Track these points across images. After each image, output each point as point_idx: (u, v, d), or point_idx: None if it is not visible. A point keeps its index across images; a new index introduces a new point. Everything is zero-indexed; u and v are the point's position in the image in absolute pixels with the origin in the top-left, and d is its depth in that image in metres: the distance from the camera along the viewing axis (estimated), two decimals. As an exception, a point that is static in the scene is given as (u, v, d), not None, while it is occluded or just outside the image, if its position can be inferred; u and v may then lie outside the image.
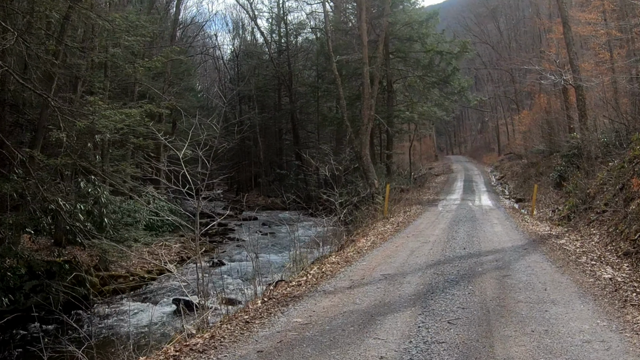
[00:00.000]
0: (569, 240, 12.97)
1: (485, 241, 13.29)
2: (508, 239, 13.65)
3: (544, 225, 17.42)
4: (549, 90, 39.10)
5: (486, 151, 61.06)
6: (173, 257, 22.97)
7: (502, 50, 49.90)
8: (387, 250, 12.69)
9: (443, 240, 13.68)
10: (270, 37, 42.54)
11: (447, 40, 32.91)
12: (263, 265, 18.76)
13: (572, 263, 9.92)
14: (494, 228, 16.29)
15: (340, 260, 11.51)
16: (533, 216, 21.42)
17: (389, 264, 10.60)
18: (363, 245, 14.01)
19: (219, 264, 22.12)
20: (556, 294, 7.64)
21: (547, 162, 32.87)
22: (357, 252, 12.67)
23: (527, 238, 13.84)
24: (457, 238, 14.01)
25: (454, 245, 12.65)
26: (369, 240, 15.15)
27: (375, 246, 13.64)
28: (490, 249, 12.05)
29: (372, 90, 25.45)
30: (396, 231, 16.81)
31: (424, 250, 12.24)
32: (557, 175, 27.64)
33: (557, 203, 25.15)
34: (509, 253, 11.37)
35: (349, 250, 13.16)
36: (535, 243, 12.81)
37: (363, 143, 25.10)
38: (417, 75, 32.84)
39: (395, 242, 14.05)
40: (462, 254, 11.33)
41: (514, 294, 7.74)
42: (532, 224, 17.90)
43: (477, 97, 36.74)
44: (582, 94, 26.81)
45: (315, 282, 9.37)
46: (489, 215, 20.51)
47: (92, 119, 12.93)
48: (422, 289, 8.29)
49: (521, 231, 15.52)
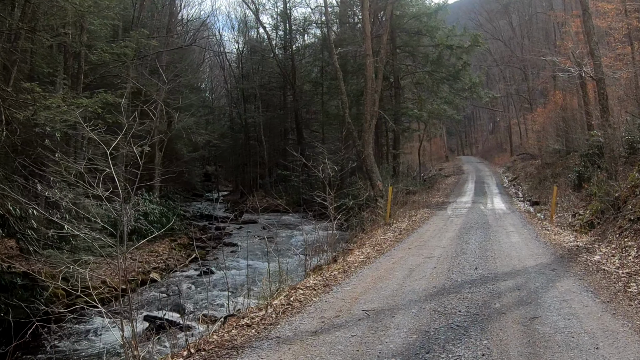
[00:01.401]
0: (604, 256, 10.15)
1: (502, 257, 10.49)
2: (529, 254, 10.85)
3: (568, 234, 14.58)
4: (565, 86, 36.07)
5: (498, 152, 57.84)
6: (158, 265, 20.47)
7: (515, 47, 46.81)
8: (380, 268, 9.97)
9: (450, 255, 10.92)
10: (276, 33, 40.02)
11: (457, 34, 30.01)
12: (254, 275, 16.31)
13: (620, 295, 7.13)
14: (510, 237, 13.47)
15: (318, 283, 8.82)
16: (553, 222, 18.55)
17: (378, 292, 7.89)
18: (354, 260, 11.30)
19: (209, 273, 19.58)
20: (616, 358, 4.89)
21: (563, 162, 29.87)
22: (343, 271, 9.95)
23: (552, 252, 11.02)
24: (468, 251, 11.24)
25: (463, 263, 9.88)
26: (364, 252, 12.44)
27: (368, 262, 10.93)
28: (509, 269, 9.26)
29: (376, 85, 22.70)
30: (397, 241, 14.08)
31: (425, 269, 9.50)
32: (575, 176, 24.80)
33: (577, 206, 22.29)
34: (534, 276, 8.58)
35: (334, 267, 10.45)
36: (564, 260, 9.99)
37: (366, 141, 22.35)
38: (426, 71, 29.99)
39: (393, 256, 11.32)
40: (472, 277, 8.58)
41: (552, 355, 5.00)
42: (554, 232, 15.04)
43: (489, 94, 33.79)
44: (603, 88, 23.71)
45: (274, 321, 6.70)
46: (503, 221, 17.68)
47: (32, 109, 10.41)
48: (415, 341, 5.57)
49: (543, 242, 12.69)
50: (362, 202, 21.56)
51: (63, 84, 13.40)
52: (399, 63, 30.47)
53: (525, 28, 45.98)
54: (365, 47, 22.08)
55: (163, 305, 15.75)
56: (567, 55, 28.44)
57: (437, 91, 30.92)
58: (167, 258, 21.29)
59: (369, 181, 22.61)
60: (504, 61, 49.72)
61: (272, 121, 40.08)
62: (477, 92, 30.39)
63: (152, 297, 16.63)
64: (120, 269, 7.08)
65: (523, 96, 46.80)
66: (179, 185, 37.04)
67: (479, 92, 30.55)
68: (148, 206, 23.26)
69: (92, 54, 13.56)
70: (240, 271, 19.52)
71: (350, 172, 32.46)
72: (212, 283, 17.76)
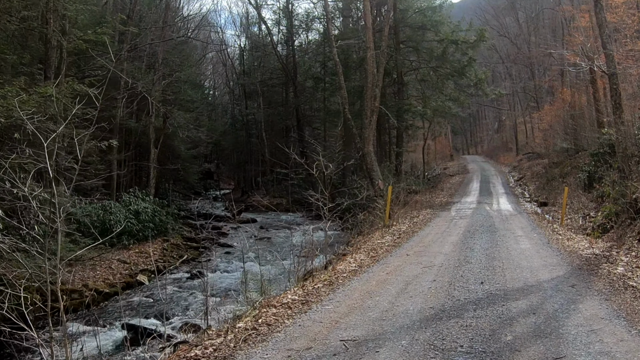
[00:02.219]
0: (627, 267, 8.68)
1: (511, 267, 9.01)
2: (542, 264, 9.36)
3: (581, 239, 13.07)
4: (574, 83, 34.48)
5: (503, 151, 56.06)
6: (147, 267, 19.08)
7: (521, 44, 45.10)
8: (372, 280, 8.53)
9: (452, 264, 9.46)
10: (278, 28, 38.56)
11: (462, 29, 28.45)
12: (248, 278, 14.93)
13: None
14: (519, 243, 11.97)
15: (296, 300, 7.39)
16: (563, 225, 17.03)
17: (364, 313, 6.46)
18: (344, 268, 9.86)
19: (198, 276, 18.22)
20: None
21: (572, 161, 28.27)
22: (329, 282, 8.51)
23: (568, 262, 9.53)
24: (472, 260, 9.77)
25: (467, 275, 8.42)
26: (356, 259, 10.99)
27: (359, 271, 9.49)
28: (520, 283, 7.78)
29: (377, 79, 21.19)
30: (395, 245, 12.63)
31: (423, 282, 8.05)
32: (586, 176, 23.21)
33: (588, 208, 20.76)
34: (550, 294, 7.11)
35: (320, 278, 9.01)
36: (583, 272, 8.51)
37: (366, 138, 20.87)
38: (430, 67, 28.43)
39: (388, 265, 9.88)
40: (478, 295, 7.11)
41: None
42: (566, 236, 13.54)
43: (495, 91, 32.17)
44: (616, 83, 22.06)
45: (230, 353, 5.29)
46: (510, 223, 16.18)
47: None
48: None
49: (556, 249, 11.19)
50: (363, 202, 20.12)
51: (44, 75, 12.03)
52: (403, 58, 28.93)
53: (532, 25, 44.27)
54: (367, 39, 20.59)
55: (146, 311, 14.46)
56: (576, 51, 26.83)
57: (441, 88, 29.36)
58: (157, 259, 19.93)
59: (370, 180, 21.15)
60: (510, 59, 48.02)
61: (274, 118, 38.66)
62: (483, 89, 28.81)
63: (136, 302, 15.35)
64: (49, 285, 5.68)
65: (529, 94, 45.12)
66: (180, 183, 35.76)
67: (484, 88, 28.97)
68: (140, 205, 21.92)
69: (68, 42, 12.22)
70: (232, 274, 18.20)
71: (352, 170, 31.02)
72: (200, 287, 16.45)
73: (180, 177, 33.06)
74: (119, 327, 13.08)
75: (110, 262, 18.25)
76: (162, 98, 28.30)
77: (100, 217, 19.32)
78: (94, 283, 16.24)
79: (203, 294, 15.94)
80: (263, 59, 39.50)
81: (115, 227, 19.31)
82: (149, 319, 13.62)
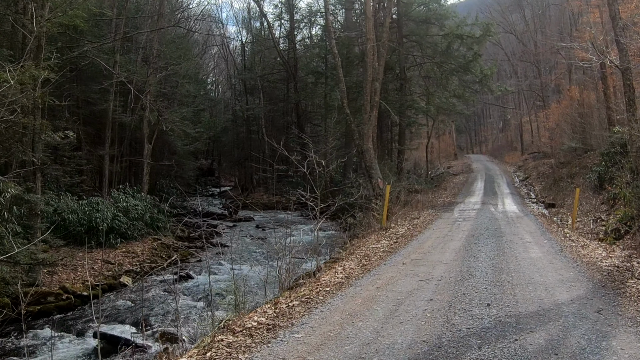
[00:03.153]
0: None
1: (523, 283, 7.54)
2: (557, 279, 7.88)
3: (596, 246, 11.59)
4: (582, 80, 32.83)
5: (508, 150, 54.33)
6: (133, 267, 17.75)
7: (528, 42, 43.38)
8: (358, 296, 7.09)
9: (454, 278, 8.01)
10: (280, 23, 37.03)
11: (468, 23, 26.91)
12: (240, 283, 13.61)
13: None
14: (529, 251, 10.48)
15: (263, 323, 5.96)
16: (574, 229, 15.54)
17: (340, 347, 5.02)
18: (329, 280, 8.43)
19: (186, 278, 16.90)
20: None
21: (580, 161, 26.70)
22: (307, 300, 7.08)
23: (588, 277, 8.05)
24: (476, 273, 8.31)
25: (470, 293, 6.96)
26: (345, 268, 9.56)
27: (346, 284, 8.06)
28: (535, 306, 6.31)
29: (377, 72, 19.68)
30: (391, 251, 11.19)
31: (418, 302, 6.61)
32: (596, 177, 21.68)
33: (599, 210, 19.27)
34: (572, 322, 5.64)
35: (299, 292, 7.57)
36: (608, 291, 7.03)
37: (365, 134, 19.38)
38: (434, 62, 26.88)
39: (380, 276, 8.45)
40: (483, 323, 5.65)
41: None
42: (579, 243, 12.04)
43: (501, 87, 30.58)
44: (629, 79, 20.47)
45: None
46: (517, 227, 14.69)
47: None
48: None
49: (570, 259, 9.70)
50: (362, 202, 18.67)
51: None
52: (406, 53, 27.40)
53: (539, 22, 42.56)
54: (367, 30, 19.07)
55: (125, 317, 13.13)
56: (584, 46, 25.19)
57: (445, 84, 27.82)
58: (144, 259, 18.56)
59: (369, 178, 19.68)
60: (516, 56, 46.32)
61: (274, 114, 37.22)
62: (489, 85, 27.24)
63: (116, 307, 14.05)
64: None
65: (536, 92, 43.43)
66: (179, 180, 34.41)
67: (490, 84, 27.40)
68: (130, 202, 20.55)
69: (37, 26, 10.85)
70: (222, 276, 16.85)
71: (354, 168, 29.55)
72: (187, 291, 15.14)
73: (177, 173, 31.70)
74: (92, 335, 11.79)
75: (94, 263, 16.92)
76: (157, 92, 26.97)
77: (87, 215, 17.99)
78: (72, 285, 14.89)
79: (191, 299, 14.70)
80: (264, 54, 38.07)
81: (102, 226, 18.02)
82: (126, 325, 12.34)
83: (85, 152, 23.16)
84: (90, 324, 12.44)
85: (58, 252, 16.32)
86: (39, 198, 13.83)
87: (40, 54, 13.29)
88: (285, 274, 8.78)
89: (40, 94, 9.91)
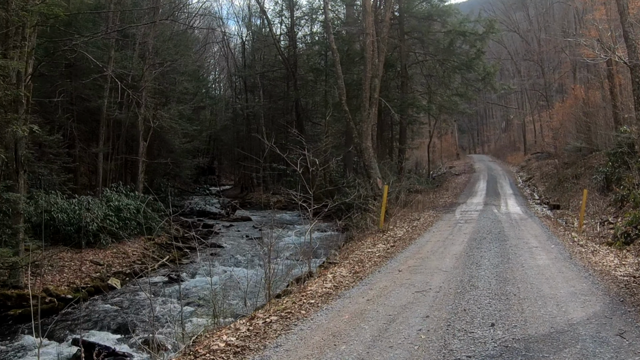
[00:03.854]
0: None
1: (531, 297, 6.62)
2: (569, 291, 6.97)
3: (607, 252, 10.69)
4: (587, 78, 31.87)
5: (511, 150, 53.26)
6: (123, 269, 16.91)
7: (531, 40, 42.32)
8: (345, 311, 6.21)
9: (454, 289, 7.12)
10: (281, 20, 36.11)
11: (471, 20, 25.97)
12: (231, 286, 12.93)
13: None
14: (536, 258, 9.55)
15: (232, 345, 5.09)
16: (580, 232, 14.61)
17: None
18: (316, 290, 7.55)
19: (176, 280, 16.00)
20: None
21: (585, 161, 25.74)
22: (286, 315, 6.19)
23: (602, 288, 7.13)
24: (479, 284, 7.41)
25: (473, 310, 6.06)
26: (336, 275, 8.68)
27: (334, 294, 7.19)
28: (546, 327, 5.40)
29: (377, 68, 18.75)
30: (387, 257, 10.30)
31: (412, 319, 5.72)
32: (602, 178, 20.73)
33: (606, 213, 18.33)
34: (592, 349, 4.73)
35: (279, 306, 6.68)
36: (627, 307, 6.11)
37: (364, 132, 18.48)
38: (436, 59, 25.92)
39: (372, 286, 7.56)
40: (487, 350, 4.74)
41: None
42: (589, 248, 11.10)
43: (505, 85, 29.62)
44: (638, 76, 19.49)
45: None
46: (521, 230, 13.77)
47: None
48: None
49: (581, 266, 8.78)
50: (359, 203, 17.78)
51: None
52: (407, 50, 26.46)
53: (542, 20, 41.51)
54: (366, 24, 18.14)
55: (108, 322, 12.31)
56: (587, 44, 24.20)
57: (448, 82, 26.87)
58: (135, 260, 17.70)
59: (368, 178, 18.80)
60: (519, 56, 45.27)
61: (274, 113, 36.33)
62: (492, 83, 26.27)
63: (101, 311, 13.23)
64: None
65: (539, 92, 42.40)
66: (178, 179, 33.61)
67: (493, 82, 26.42)
68: (122, 201, 19.72)
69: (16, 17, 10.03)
70: (214, 278, 15.99)
71: (354, 167, 28.61)
72: (176, 293, 14.27)
73: (175, 172, 30.88)
74: (71, 342, 10.99)
75: (82, 264, 16.09)
76: (154, 89, 26.13)
77: (77, 214, 17.18)
78: (56, 288, 14.08)
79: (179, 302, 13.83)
80: (264, 51, 37.18)
81: (92, 225, 17.23)
82: (109, 332, 11.54)
83: (78, 150, 22.37)
84: (70, 329, 11.66)
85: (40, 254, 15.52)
86: (18, 197, 12.99)
87: (25, 47, 12.47)
88: (268, 282, 7.90)
89: (22, 88, 9.06)
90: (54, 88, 19.92)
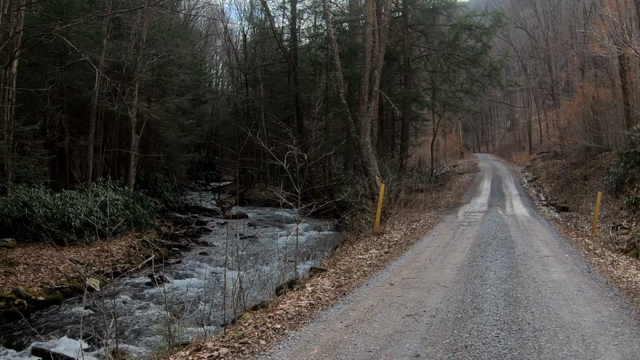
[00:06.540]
0: None
1: (548, 327, 5.20)
2: (595, 318, 5.53)
3: (628, 263, 9.21)
4: (595, 78, 30.25)
5: (516, 150, 51.57)
6: (104, 268, 15.47)
7: (538, 37, 40.64)
8: (316, 341, 4.81)
9: (453, 312, 5.70)
10: (283, 12, 34.65)
11: (477, 13, 24.44)
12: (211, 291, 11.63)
13: None
14: (549, 271, 8.10)
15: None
16: (594, 238, 13.15)
17: None
18: (286, 310, 6.12)
19: (159, 282, 14.51)
20: None
21: (595, 162, 24.18)
22: (239, 347, 4.78)
23: (634, 315, 5.68)
24: (484, 306, 5.97)
25: (476, 346, 4.64)
26: (316, 289, 7.27)
27: (308, 316, 5.78)
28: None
29: (377, 59, 17.28)
30: (379, 265, 8.89)
31: (397, 357, 4.31)
32: (614, 179, 19.23)
33: (619, 217, 16.85)
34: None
35: (233, 334, 5.28)
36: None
37: (362, 127, 17.04)
38: (441, 54, 24.40)
39: (355, 306, 6.15)
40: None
41: None
42: (607, 258, 9.62)
43: (511, 82, 28.06)
44: (655, 73, 17.97)
45: None
46: (530, 235, 12.31)
47: None
48: None
49: (603, 283, 7.34)
50: (355, 202, 16.38)
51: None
52: (411, 44, 24.95)
53: (550, 16, 39.81)
54: (366, 13, 16.68)
55: (78, 329, 10.94)
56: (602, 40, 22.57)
57: (452, 78, 25.34)
58: (119, 259, 16.33)
59: (366, 175, 17.38)
60: (526, 53, 43.58)
61: (275, 107, 34.92)
62: (498, 79, 24.71)
63: (73, 314, 11.90)
64: None
65: (546, 90, 40.72)
66: (175, 174, 32.29)
67: (499, 78, 24.86)
68: (109, 196, 18.32)
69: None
70: (201, 280, 14.65)
71: (355, 165, 27.15)
72: (157, 297, 12.97)
73: (170, 167, 29.55)
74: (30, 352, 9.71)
75: (61, 262, 14.75)
76: (150, 81, 24.81)
77: (60, 209, 15.88)
78: (27, 289, 12.77)
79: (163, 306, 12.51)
80: (265, 45, 35.75)
81: (74, 221, 15.92)
82: (77, 339, 10.19)
83: (67, 142, 21.10)
84: (35, 336, 10.32)
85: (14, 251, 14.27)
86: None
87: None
88: (233, 297, 6.50)
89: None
90: (42, 78, 18.68)
